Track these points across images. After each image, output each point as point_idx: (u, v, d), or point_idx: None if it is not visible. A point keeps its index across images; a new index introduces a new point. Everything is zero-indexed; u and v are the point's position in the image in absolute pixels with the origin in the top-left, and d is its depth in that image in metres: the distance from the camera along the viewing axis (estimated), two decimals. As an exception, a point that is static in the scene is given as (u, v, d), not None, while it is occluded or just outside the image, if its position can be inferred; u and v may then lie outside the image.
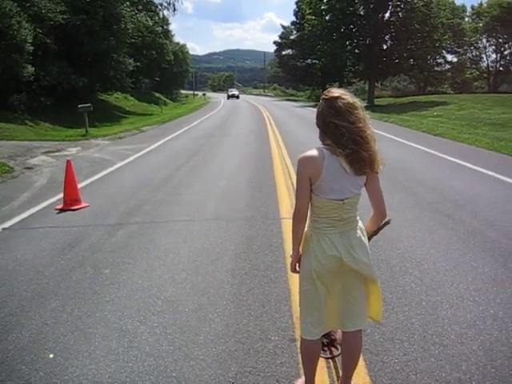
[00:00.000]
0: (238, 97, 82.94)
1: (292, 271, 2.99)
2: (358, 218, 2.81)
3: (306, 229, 2.83)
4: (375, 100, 46.36)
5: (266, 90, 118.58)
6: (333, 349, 3.42)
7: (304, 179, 2.66)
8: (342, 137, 2.57)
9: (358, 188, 2.71)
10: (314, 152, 2.64)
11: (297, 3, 71.00)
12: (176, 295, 4.55)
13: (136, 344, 3.73)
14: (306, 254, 2.82)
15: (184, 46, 75.61)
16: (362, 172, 2.65)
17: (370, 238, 2.93)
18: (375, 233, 2.98)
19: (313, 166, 2.61)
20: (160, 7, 49.60)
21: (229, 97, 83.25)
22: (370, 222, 2.91)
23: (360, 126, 2.60)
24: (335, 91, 2.68)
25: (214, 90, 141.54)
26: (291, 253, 2.93)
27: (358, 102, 2.67)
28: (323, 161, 2.59)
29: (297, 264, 2.91)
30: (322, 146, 2.69)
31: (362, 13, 47.20)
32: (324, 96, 2.71)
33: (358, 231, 2.78)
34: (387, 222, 2.93)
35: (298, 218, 2.75)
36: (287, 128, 22.30)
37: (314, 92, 68.49)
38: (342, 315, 2.85)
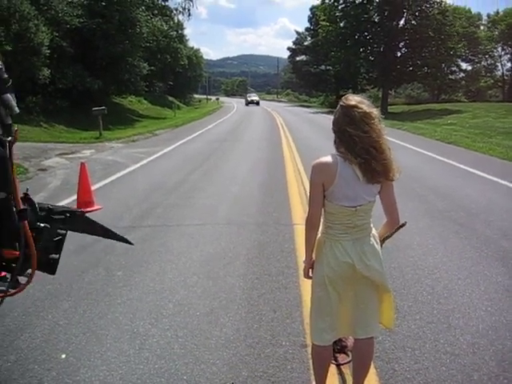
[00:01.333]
0: (258, 103, 71.34)
1: (305, 277, 3.00)
2: (371, 225, 2.82)
3: (319, 235, 2.85)
4: (389, 107, 46.22)
5: (279, 96, 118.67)
6: (344, 355, 3.42)
7: (317, 185, 2.67)
8: (355, 145, 2.59)
9: (371, 195, 2.71)
10: (327, 158, 2.66)
11: (311, 9, 71.14)
12: (187, 299, 4.56)
13: (147, 346, 3.75)
14: (318, 260, 2.83)
15: (198, 50, 75.85)
16: (375, 181, 2.66)
17: (384, 240, 2.94)
18: (390, 235, 2.97)
19: (326, 172, 2.63)
20: (175, 12, 49.85)
21: (247, 103, 72.19)
22: (383, 228, 2.91)
23: (374, 137, 2.61)
24: (352, 99, 2.69)
25: (228, 95, 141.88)
26: (304, 259, 2.94)
27: (375, 112, 2.68)
28: (337, 167, 2.60)
29: (310, 270, 2.92)
30: (336, 152, 2.70)
31: (376, 20, 47.26)
32: (341, 103, 2.72)
33: (372, 238, 2.78)
34: (403, 225, 2.93)
35: (311, 224, 2.76)
36: (300, 134, 22.30)
37: (327, 98, 68.50)
38: (354, 322, 2.85)
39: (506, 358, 3.57)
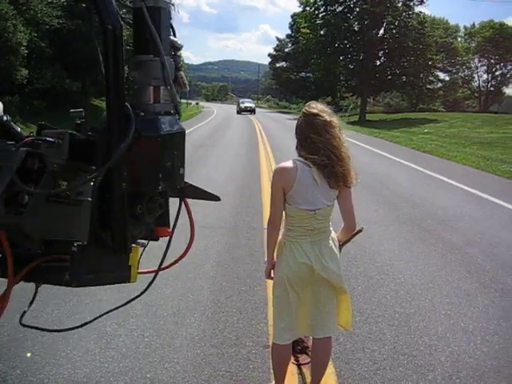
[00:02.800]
0: (253, 111, 56.82)
1: (266, 277, 3.10)
2: (330, 228, 2.93)
3: (280, 237, 2.95)
4: (367, 115, 46.73)
5: (259, 102, 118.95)
6: (305, 356, 3.51)
7: (278, 189, 2.78)
8: (318, 151, 2.70)
9: (330, 200, 2.82)
10: (288, 164, 2.77)
11: (292, 16, 71.59)
12: (156, 300, 4.62)
13: (113, 345, 3.80)
14: (279, 260, 2.93)
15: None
16: (336, 186, 2.77)
17: (343, 245, 3.06)
18: (348, 240, 3.09)
19: (286, 177, 2.74)
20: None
21: (240, 110, 56.81)
22: (341, 233, 3.02)
23: (334, 144, 2.73)
24: (315, 107, 2.81)
25: (208, 100, 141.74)
26: (266, 259, 3.05)
27: (336, 121, 2.81)
28: (296, 172, 2.72)
29: (271, 271, 3.01)
30: (296, 157, 2.81)
31: (356, 29, 47.76)
32: (304, 111, 2.85)
33: (330, 241, 2.89)
34: (360, 230, 3.05)
35: (272, 226, 2.88)
36: (278, 141, 22.40)
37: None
38: (313, 322, 2.95)
39: (461, 358, 3.71)
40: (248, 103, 61.26)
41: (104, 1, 1.52)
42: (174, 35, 1.91)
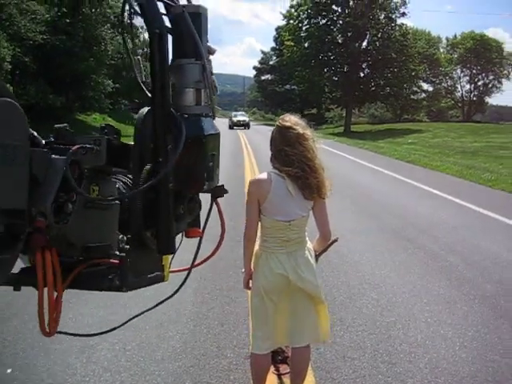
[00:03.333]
0: (247, 125, 49.74)
1: (244, 287, 3.14)
2: (306, 238, 2.98)
3: (256, 247, 3.00)
4: (352, 126, 47.08)
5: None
6: (285, 366, 3.55)
7: (253, 201, 2.84)
8: (292, 164, 2.75)
9: (305, 211, 2.87)
10: (263, 176, 2.84)
11: (277, 30, 72.06)
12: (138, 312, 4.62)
13: (94, 359, 3.81)
14: (255, 271, 2.98)
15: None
16: (311, 197, 2.83)
17: (319, 256, 3.11)
18: (324, 250, 3.14)
19: (261, 188, 2.80)
20: (141, 30, 49.90)
21: (233, 125, 48.55)
22: (316, 244, 3.07)
23: (308, 156, 2.79)
24: (288, 120, 2.87)
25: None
26: (243, 270, 3.09)
27: (309, 133, 2.87)
28: (271, 184, 2.77)
29: (249, 281, 3.05)
30: (271, 170, 2.86)
31: (339, 41, 48.31)
32: (278, 123, 2.91)
33: (306, 252, 2.94)
34: (335, 240, 3.11)
35: (248, 237, 2.93)
36: (263, 152, 22.45)
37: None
38: (290, 331, 2.98)
39: (439, 365, 3.76)
40: (241, 117, 53.07)
41: (152, 7, 1.60)
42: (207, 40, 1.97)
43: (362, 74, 49.82)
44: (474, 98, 65.59)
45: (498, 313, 4.75)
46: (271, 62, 77.01)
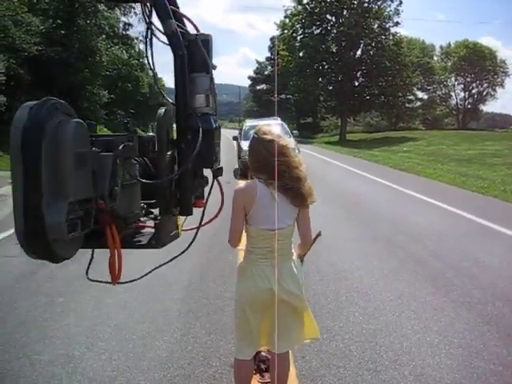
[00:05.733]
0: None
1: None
2: (292, 250, 3.00)
3: (241, 260, 3.02)
4: (348, 135, 47.23)
5: (240, 124, 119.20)
6: (269, 374, 3.55)
7: (238, 209, 2.85)
8: (279, 174, 2.76)
9: (290, 219, 2.89)
10: (248, 183, 2.87)
11: (271, 39, 72.40)
12: (125, 322, 4.64)
13: (80, 370, 3.81)
14: (239, 283, 3.00)
15: (160, 78, 75.83)
16: (297, 205, 2.85)
17: (304, 255, 3.13)
18: (309, 249, 3.16)
19: (246, 196, 2.81)
20: (136, 41, 50.06)
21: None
22: (299, 248, 3.09)
23: (293, 165, 2.81)
24: (268, 132, 2.88)
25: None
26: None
27: (290, 143, 2.91)
28: (256, 192, 2.79)
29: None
30: (256, 178, 2.88)
31: (334, 50, 48.52)
32: (257, 136, 2.91)
33: (291, 263, 2.96)
34: (318, 235, 3.11)
35: (231, 244, 2.96)
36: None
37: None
38: (273, 338, 2.99)
39: (424, 372, 3.77)
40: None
41: (177, 37, 2.09)
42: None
43: (356, 83, 50.06)
44: (469, 106, 65.94)
45: (485, 319, 4.76)
46: (266, 72, 77.12)
